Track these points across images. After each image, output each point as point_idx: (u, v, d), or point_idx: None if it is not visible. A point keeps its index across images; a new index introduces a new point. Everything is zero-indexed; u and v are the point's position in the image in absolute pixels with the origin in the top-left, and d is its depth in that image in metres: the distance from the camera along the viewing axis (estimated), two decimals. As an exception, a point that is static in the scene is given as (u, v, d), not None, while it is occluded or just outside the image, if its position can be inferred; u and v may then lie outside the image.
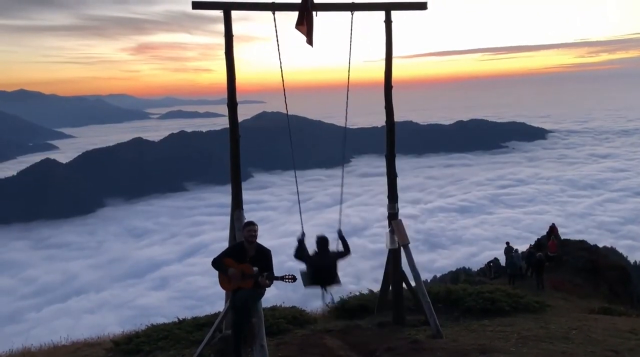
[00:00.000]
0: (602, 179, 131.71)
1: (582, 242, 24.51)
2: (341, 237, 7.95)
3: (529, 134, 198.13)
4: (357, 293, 12.44)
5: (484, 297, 11.23)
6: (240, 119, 8.51)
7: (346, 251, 7.85)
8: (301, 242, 7.77)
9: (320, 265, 7.55)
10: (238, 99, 8.46)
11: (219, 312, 8.67)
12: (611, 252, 38.26)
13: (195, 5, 8.32)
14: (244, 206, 8.60)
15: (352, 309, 11.21)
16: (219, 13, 8.37)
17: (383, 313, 10.32)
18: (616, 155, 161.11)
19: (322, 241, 7.70)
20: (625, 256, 44.43)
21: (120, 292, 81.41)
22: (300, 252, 7.70)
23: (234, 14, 8.43)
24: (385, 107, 9.46)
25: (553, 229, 23.84)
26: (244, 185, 8.76)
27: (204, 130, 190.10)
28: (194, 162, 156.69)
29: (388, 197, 9.55)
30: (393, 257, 9.55)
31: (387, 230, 9.61)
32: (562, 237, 24.41)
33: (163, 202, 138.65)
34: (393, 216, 9.47)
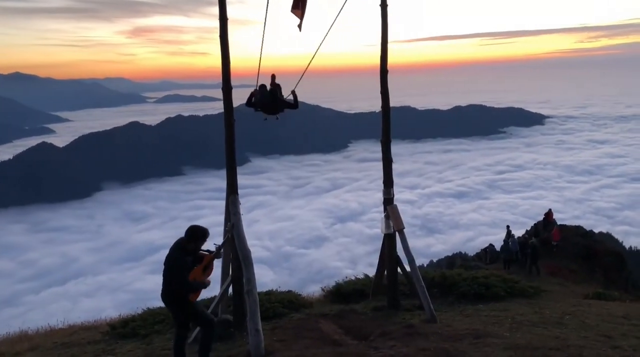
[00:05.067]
0: (599, 164, 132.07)
1: (579, 228, 24.54)
2: (294, 95, 8.94)
3: (527, 119, 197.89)
4: (353, 278, 12.50)
5: (478, 282, 11.26)
6: (236, 103, 8.42)
7: (295, 104, 8.94)
8: (255, 92, 8.60)
9: (270, 102, 8.52)
10: (235, 83, 8.37)
11: (215, 297, 8.71)
12: (607, 237, 38.47)
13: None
14: (241, 191, 8.56)
15: (348, 293, 11.26)
16: (214, -5, 8.25)
17: (378, 298, 10.37)
18: (614, 141, 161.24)
19: (274, 91, 8.57)
20: (620, 241, 44.71)
21: (117, 275, 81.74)
22: (251, 101, 8.61)
23: (230, -4, 8.31)
24: (381, 92, 9.40)
25: (549, 215, 23.80)
26: (241, 169, 8.74)
27: (200, 114, 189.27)
28: (191, 146, 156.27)
29: (384, 182, 9.55)
30: (388, 242, 9.57)
31: (383, 215, 9.62)
32: (559, 223, 24.43)
33: (161, 186, 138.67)
34: (388, 201, 9.47)
